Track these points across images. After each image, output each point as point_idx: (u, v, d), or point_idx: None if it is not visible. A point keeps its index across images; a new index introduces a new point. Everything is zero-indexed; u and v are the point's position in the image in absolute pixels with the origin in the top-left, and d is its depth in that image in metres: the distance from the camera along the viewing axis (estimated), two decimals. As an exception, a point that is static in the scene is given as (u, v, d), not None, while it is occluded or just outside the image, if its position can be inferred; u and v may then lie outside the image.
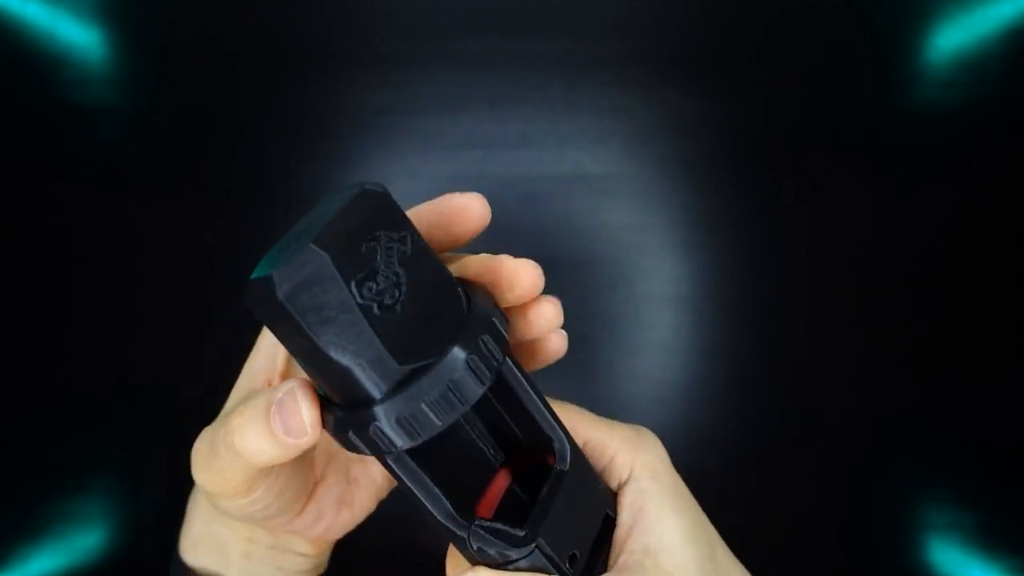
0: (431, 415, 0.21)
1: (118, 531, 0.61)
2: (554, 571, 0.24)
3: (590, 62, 0.63)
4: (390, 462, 0.23)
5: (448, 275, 0.24)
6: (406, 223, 0.23)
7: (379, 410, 0.21)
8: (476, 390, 0.22)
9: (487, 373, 0.22)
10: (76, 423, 0.62)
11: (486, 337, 0.23)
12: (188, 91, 0.63)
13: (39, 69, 0.62)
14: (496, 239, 0.38)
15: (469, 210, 0.26)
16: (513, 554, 0.24)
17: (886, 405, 0.64)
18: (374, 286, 0.22)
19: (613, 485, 0.26)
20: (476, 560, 0.25)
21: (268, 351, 0.29)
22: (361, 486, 0.33)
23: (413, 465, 0.23)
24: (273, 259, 0.22)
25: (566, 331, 0.27)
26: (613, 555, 0.26)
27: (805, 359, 0.64)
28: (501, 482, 0.27)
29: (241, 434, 0.24)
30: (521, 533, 0.24)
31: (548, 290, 0.26)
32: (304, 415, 0.23)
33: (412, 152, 0.63)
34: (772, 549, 0.43)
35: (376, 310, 0.22)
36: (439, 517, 0.24)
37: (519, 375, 0.24)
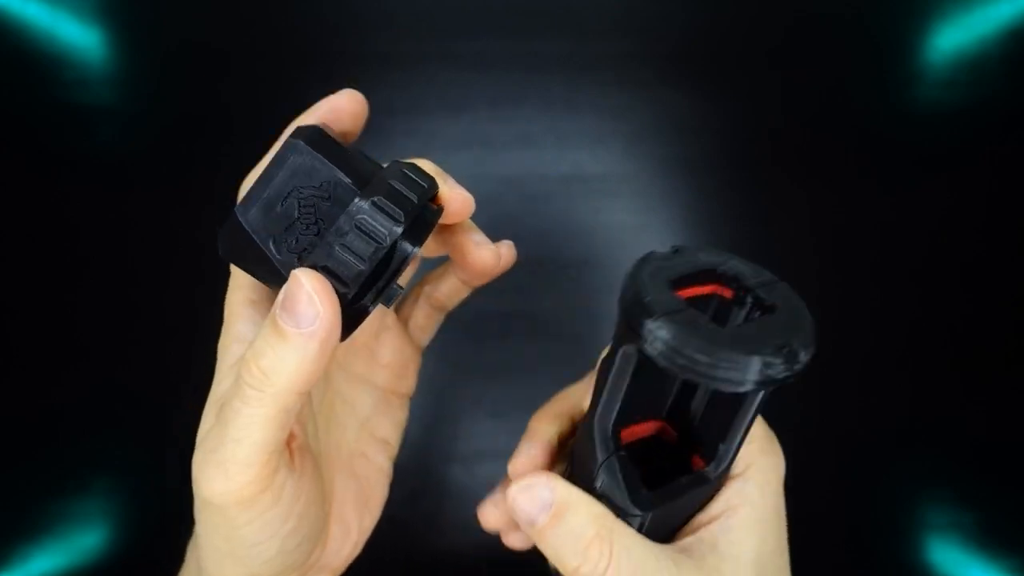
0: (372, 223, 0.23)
1: (118, 531, 0.61)
2: (627, 526, 0.24)
3: (590, 62, 0.63)
4: (623, 349, 0.23)
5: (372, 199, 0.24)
6: (331, 173, 0.24)
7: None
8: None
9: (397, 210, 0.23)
10: (76, 423, 0.62)
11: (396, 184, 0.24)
12: (188, 91, 0.63)
13: (39, 69, 0.62)
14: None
15: (342, 109, 0.28)
16: (621, 503, 0.24)
17: (886, 405, 0.64)
18: (292, 240, 0.24)
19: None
20: (582, 485, 0.25)
21: (238, 291, 0.28)
22: (372, 482, 0.33)
23: (629, 369, 0.23)
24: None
25: (566, 330, 0.27)
26: (685, 527, 0.26)
27: (805, 359, 0.64)
28: (648, 429, 0.28)
29: (256, 357, 0.23)
30: (643, 498, 0.24)
31: (548, 289, 0.26)
32: (307, 291, 0.22)
33: (412, 152, 0.62)
34: (772, 549, 0.43)
35: (297, 262, 0.24)
36: (599, 427, 0.24)
37: (756, 400, 0.24)
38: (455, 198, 0.28)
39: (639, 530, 0.24)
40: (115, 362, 0.62)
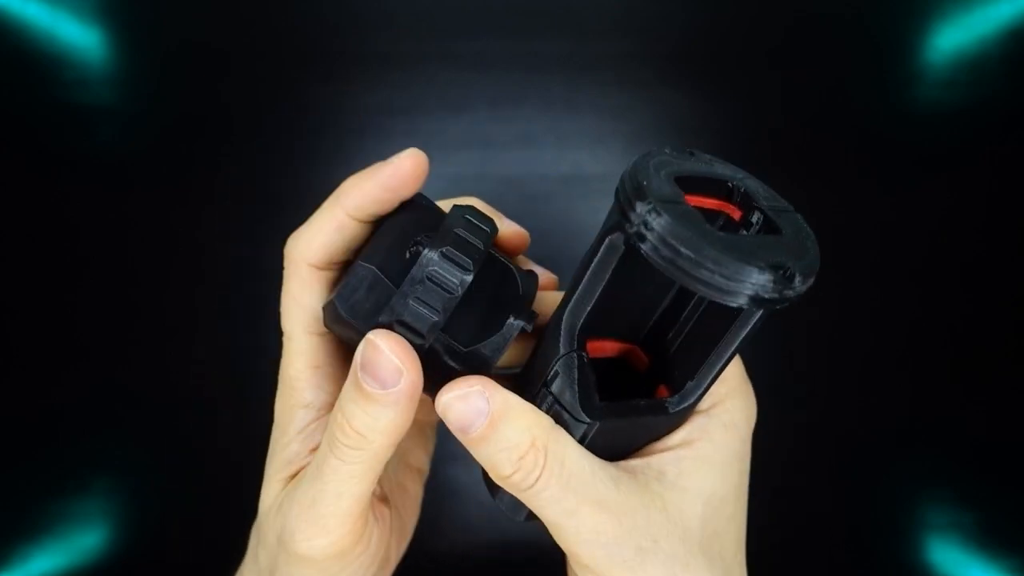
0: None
1: (118, 531, 0.61)
2: (576, 442, 0.23)
3: (590, 62, 0.63)
4: (611, 237, 0.22)
5: (490, 253, 0.26)
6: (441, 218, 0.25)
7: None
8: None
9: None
10: (76, 423, 0.62)
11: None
12: (188, 91, 0.63)
13: (39, 69, 0.62)
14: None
15: (403, 172, 0.27)
16: (568, 406, 0.23)
17: (886, 405, 0.64)
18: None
19: None
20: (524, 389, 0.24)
21: (301, 356, 0.28)
22: (409, 511, 0.33)
23: (611, 262, 0.22)
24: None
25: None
26: (638, 452, 0.25)
27: (805, 358, 0.64)
28: (615, 349, 0.27)
29: (350, 419, 0.23)
30: (592, 405, 0.23)
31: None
32: (388, 356, 0.22)
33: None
34: (772, 548, 0.43)
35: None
36: (568, 320, 0.23)
37: (739, 328, 0.22)
38: (513, 236, 0.29)
39: (581, 441, 0.23)
40: (115, 362, 0.62)
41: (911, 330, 0.64)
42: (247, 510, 0.33)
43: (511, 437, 0.22)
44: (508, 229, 0.29)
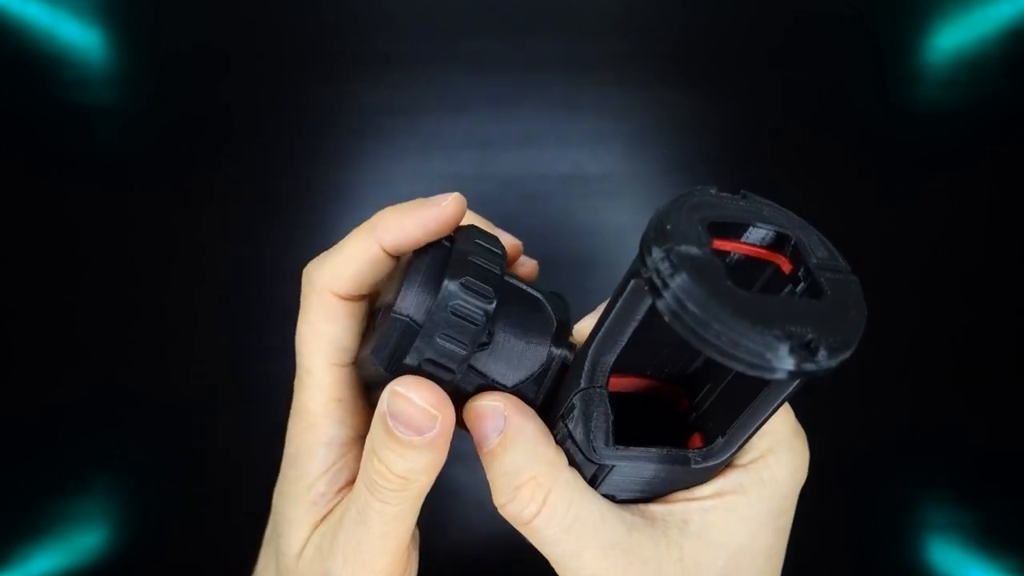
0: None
1: (118, 531, 0.61)
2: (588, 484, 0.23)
3: (590, 62, 0.63)
4: (635, 280, 0.20)
5: (516, 284, 0.25)
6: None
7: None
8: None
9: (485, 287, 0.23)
10: (77, 423, 0.62)
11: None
12: (188, 91, 0.63)
13: (39, 69, 0.62)
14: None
15: (446, 216, 0.27)
16: (581, 443, 0.22)
17: (887, 414, 0.64)
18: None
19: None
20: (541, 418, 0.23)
21: (322, 391, 0.27)
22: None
23: (638, 305, 0.20)
24: (371, 327, 0.25)
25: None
26: (663, 499, 0.24)
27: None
28: (640, 385, 0.25)
29: (391, 466, 0.22)
30: (602, 446, 0.22)
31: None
32: (420, 404, 0.22)
33: (412, 152, 0.63)
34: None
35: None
36: (592, 356, 0.22)
37: (774, 392, 0.20)
38: (510, 249, 0.29)
39: (592, 482, 0.22)
40: (115, 362, 0.62)
41: (912, 340, 0.64)
42: (247, 510, 0.33)
43: (515, 462, 0.22)
44: (506, 242, 0.29)
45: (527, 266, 0.31)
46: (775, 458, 0.24)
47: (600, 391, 0.22)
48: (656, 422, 0.25)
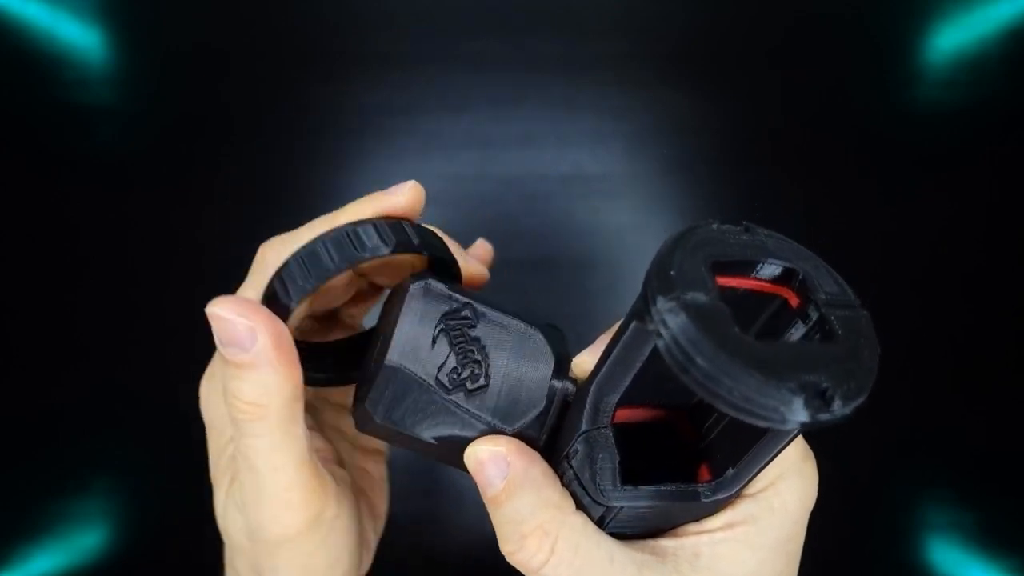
0: None
1: (118, 531, 0.61)
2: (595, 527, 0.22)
3: (590, 62, 0.63)
4: (637, 321, 0.19)
5: (512, 318, 0.25)
6: (462, 296, 0.24)
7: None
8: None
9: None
10: (77, 423, 0.62)
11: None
12: (188, 91, 0.63)
13: (39, 69, 0.62)
14: (496, 239, 0.38)
15: (401, 205, 0.27)
16: (587, 487, 0.21)
17: (886, 414, 0.64)
18: (455, 375, 0.23)
19: None
20: (547, 454, 0.23)
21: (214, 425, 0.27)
22: (376, 492, 0.33)
23: (640, 347, 0.20)
24: (362, 377, 0.24)
25: (565, 330, 0.27)
26: (672, 532, 0.23)
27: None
28: (644, 415, 0.25)
29: (239, 397, 0.23)
30: (610, 490, 0.21)
31: (548, 289, 0.26)
32: (230, 317, 0.22)
33: (412, 152, 0.63)
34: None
35: (465, 394, 0.23)
36: (593, 395, 0.21)
37: (783, 436, 0.20)
38: (475, 275, 0.29)
39: (600, 522, 0.22)
40: (115, 362, 0.62)
41: (912, 340, 0.64)
42: (247, 510, 0.33)
43: (519, 510, 0.21)
44: (469, 267, 0.28)
45: (480, 248, 0.30)
46: (785, 485, 0.23)
47: (605, 432, 0.21)
48: (662, 451, 0.25)
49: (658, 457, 0.24)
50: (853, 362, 0.17)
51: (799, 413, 0.16)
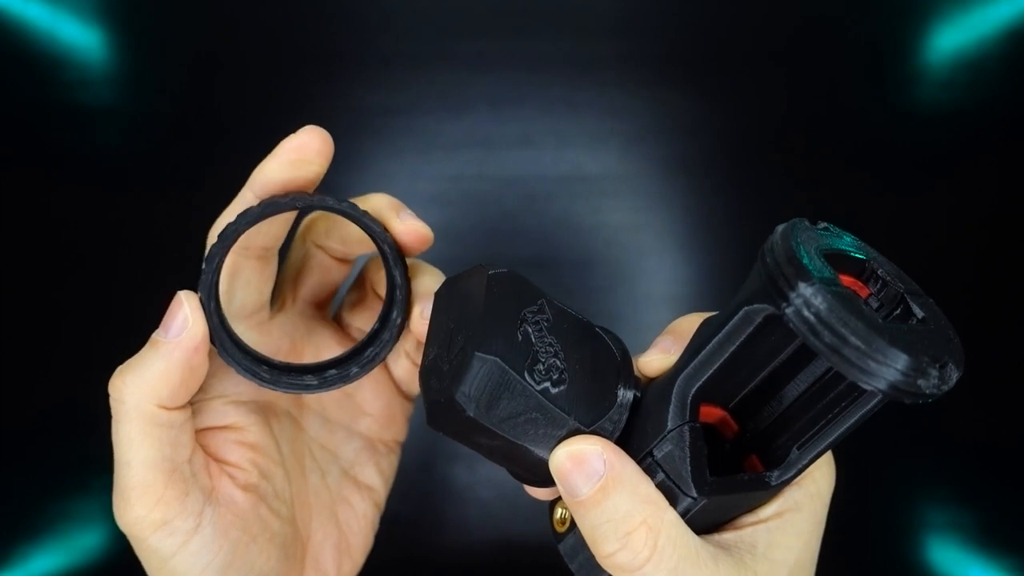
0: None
1: (118, 531, 0.61)
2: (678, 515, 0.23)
3: (590, 62, 0.63)
4: (745, 309, 0.21)
5: (578, 316, 0.25)
6: (535, 291, 0.24)
7: None
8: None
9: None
10: (76, 423, 0.62)
11: None
12: (188, 91, 0.63)
13: (39, 69, 0.62)
14: (496, 239, 0.38)
15: (308, 149, 0.28)
16: (679, 482, 0.22)
17: (886, 409, 0.64)
18: (542, 368, 0.23)
19: None
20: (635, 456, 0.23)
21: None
22: (354, 529, 0.31)
23: (743, 333, 0.21)
24: (432, 370, 0.24)
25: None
26: (729, 524, 0.24)
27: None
28: (712, 415, 0.25)
29: (122, 372, 0.25)
30: (705, 482, 0.22)
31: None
32: (179, 310, 0.25)
33: (412, 152, 0.63)
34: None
35: (551, 388, 0.22)
36: (681, 389, 0.22)
37: (860, 407, 0.22)
38: (410, 236, 0.28)
39: (683, 515, 0.22)
40: (115, 362, 0.62)
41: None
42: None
43: (621, 508, 0.21)
44: (404, 226, 0.27)
45: (407, 223, 0.28)
46: (819, 471, 0.25)
47: (695, 426, 0.22)
48: (711, 448, 0.25)
49: (709, 454, 0.24)
50: (950, 339, 0.20)
51: (932, 383, 0.18)
